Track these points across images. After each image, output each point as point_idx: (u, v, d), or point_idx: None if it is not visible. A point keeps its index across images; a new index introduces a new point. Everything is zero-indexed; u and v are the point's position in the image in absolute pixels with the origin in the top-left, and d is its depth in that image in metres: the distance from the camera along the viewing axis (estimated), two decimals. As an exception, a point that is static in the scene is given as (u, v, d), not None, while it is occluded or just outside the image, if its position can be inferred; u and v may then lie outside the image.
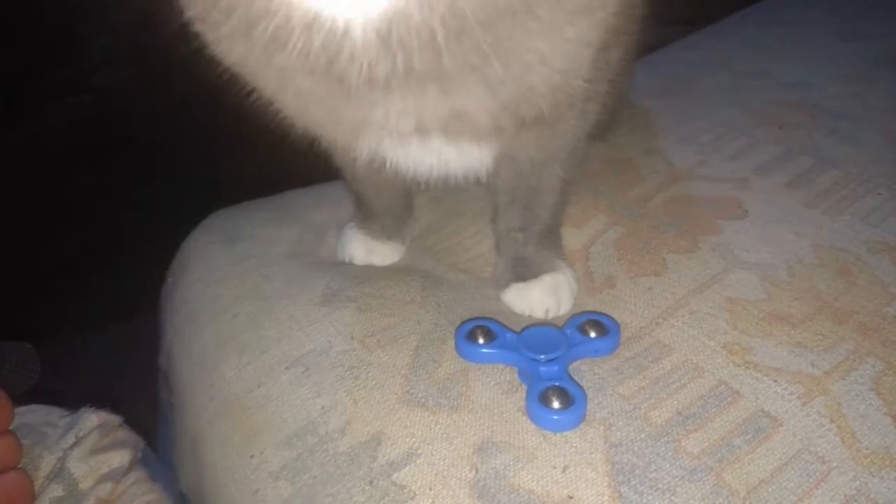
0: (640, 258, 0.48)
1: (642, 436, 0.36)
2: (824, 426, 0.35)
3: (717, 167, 0.56)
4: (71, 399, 0.51)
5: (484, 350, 0.41)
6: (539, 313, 0.46)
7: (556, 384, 0.37)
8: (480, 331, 0.41)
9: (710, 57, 0.76)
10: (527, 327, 0.42)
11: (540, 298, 0.46)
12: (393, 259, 0.53)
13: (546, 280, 0.46)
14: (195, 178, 1.45)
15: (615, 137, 0.61)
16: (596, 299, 0.46)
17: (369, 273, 0.50)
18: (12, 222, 1.49)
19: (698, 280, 0.45)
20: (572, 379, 0.39)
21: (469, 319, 0.43)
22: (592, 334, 0.41)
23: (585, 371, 0.40)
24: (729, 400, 0.37)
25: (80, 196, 1.58)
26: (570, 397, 0.37)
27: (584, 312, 0.43)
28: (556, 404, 0.36)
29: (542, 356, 0.39)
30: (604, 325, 0.41)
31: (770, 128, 0.60)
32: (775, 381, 0.38)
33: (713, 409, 0.37)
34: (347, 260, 0.53)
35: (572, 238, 0.51)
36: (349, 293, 0.48)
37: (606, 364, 0.41)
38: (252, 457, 0.40)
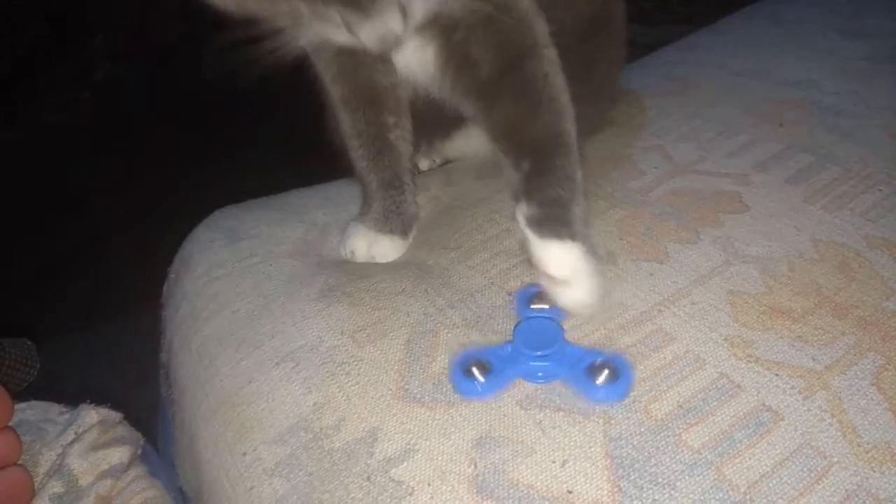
0: (641, 242, 0.48)
1: (642, 429, 0.36)
2: (825, 421, 0.35)
3: (717, 163, 0.56)
4: (71, 395, 0.51)
5: (483, 384, 0.38)
6: (576, 304, 0.42)
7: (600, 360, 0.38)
8: (475, 365, 0.39)
9: (710, 56, 0.76)
10: (520, 334, 0.41)
11: (581, 295, 0.42)
12: (394, 254, 0.52)
13: (591, 279, 0.42)
14: (197, 175, 1.45)
15: (613, 136, 0.61)
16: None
17: (368, 269, 0.50)
18: (12, 218, 1.49)
19: (700, 271, 0.45)
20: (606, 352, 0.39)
21: (460, 354, 0.40)
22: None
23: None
24: (730, 393, 0.37)
25: (80, 192, 1.59)
26: (616, 370, 0.37)
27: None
28: (601, 379, 0.37)
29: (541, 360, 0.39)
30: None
31: (770, 125, 0.60)
32: (776, 375, 0.38)
33: (714, 403, 0.37)
34: (349, 255, 0.52)
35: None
36: (345, 289, 0.48)
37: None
38: (245, 454, 0.40)
